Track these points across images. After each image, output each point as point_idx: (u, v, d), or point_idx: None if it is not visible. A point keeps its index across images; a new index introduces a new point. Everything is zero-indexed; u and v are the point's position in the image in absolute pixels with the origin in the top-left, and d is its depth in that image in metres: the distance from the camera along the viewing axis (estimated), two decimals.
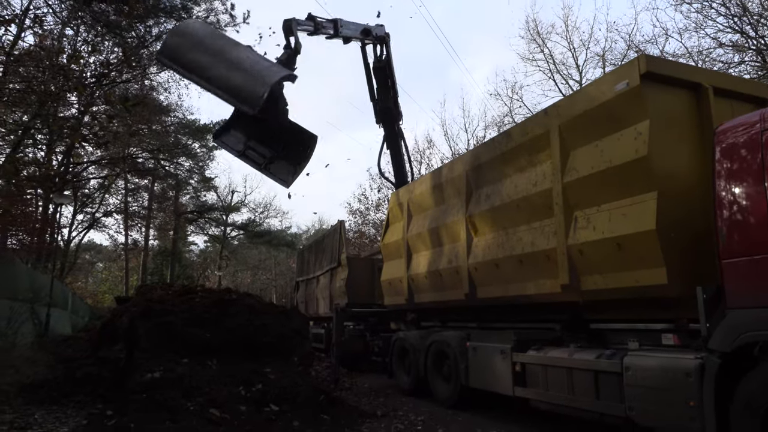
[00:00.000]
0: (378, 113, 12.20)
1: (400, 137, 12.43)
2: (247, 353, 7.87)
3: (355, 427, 6.77)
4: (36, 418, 6.77)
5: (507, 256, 7.04)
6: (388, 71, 11.90)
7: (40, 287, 16.52)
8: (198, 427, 5.98)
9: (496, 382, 7.16)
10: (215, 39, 7.87)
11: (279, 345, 8.19)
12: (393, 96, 12.05)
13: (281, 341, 8.24)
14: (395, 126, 12.28)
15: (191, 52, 7.47)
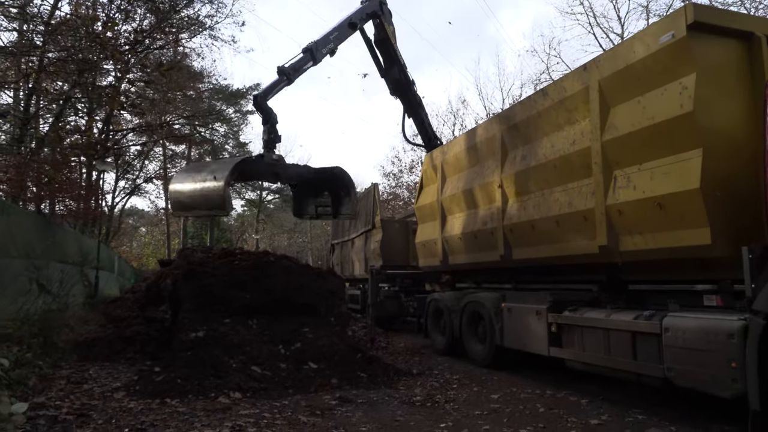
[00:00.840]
0: (390, 86, 12.15)
1: (417, 105, 12.33)
2: (286, 313, 8.09)
3: (392, 385, 6.94)
4: (90, 373, 7.20)
5: (543, 217, 6.95)
6: (390, 42, 11.72)
7: (88, 251, 17.26)
8: (241, 383, 6.25)
9: (531, 343, 7.20)
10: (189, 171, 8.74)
11: (316, 305, 8.38)
12: (399, 66, 11.90)
13: (318, 302, 8.43)
14: (410, 95, 12.19)
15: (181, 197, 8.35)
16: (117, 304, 13.72)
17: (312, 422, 5.06)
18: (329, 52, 10.24)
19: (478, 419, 5.30)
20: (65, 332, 8.73)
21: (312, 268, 9.24)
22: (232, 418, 5.08)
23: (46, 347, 7.41)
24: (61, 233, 14.30)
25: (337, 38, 10.36)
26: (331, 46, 10.26)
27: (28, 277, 9.48)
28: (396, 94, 12.18)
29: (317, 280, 8.75)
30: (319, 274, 8.99)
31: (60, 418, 4.83)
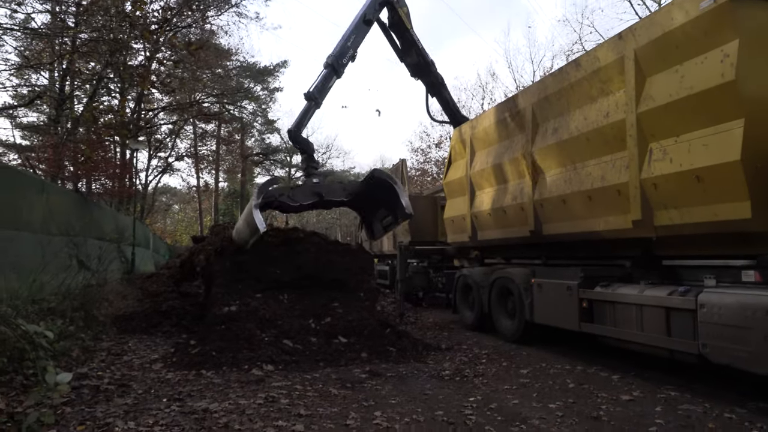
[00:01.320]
0: (409, 69, 12.01)
1: (440, 84, 12.17)
2: (316, 289, 8.21)
3: (420, 359, 7.00)
4: (129, 345, 7.47)
5: (575, 191, 6.82)
6: (404, 25, 11.50)
7: (124, 228, 17.75)
8: (273, 356, 6.39)
9: (562, 318, 7.15)
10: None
11: (345, 281, 8.47)
12: (417, 48, 11.72)
13: (347, 277, 8.52)
14: (430, 76, 12.03)
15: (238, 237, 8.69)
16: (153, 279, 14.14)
17: (342, 395, 5.16)
18: (350, 59, 10.20)
19: (507, 393, 5.32)
20: (105, 306, 9.06)
21: (341, 244, 9.31)
22: (265, 389, 5.22)
23: (87, 320, 7.71)
24: (98, 211, 14.73)
25: (355, 42, 10.27)
26: (351, 52, 10.21)
27: (68, 254, 9.82)
28: (416, 76, 12.07)
29: (346, 256, 8.82)
30: (348, 250, 9.06)
31: (102, 387, 5.05)
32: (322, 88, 9.84)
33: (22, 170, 10.43)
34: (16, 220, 8.53)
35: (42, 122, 19.91)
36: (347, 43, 10.13)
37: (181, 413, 4.37)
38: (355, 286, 8.52)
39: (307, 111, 9.69)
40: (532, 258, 8.79)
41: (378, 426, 4.20)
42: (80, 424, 3.98)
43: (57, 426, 3.91)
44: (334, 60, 9.91)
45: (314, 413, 4.50)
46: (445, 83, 12.28)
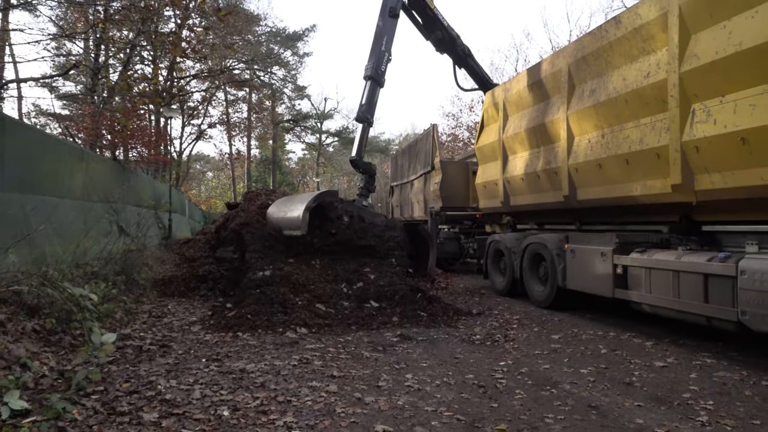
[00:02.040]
0: (435, 45, 11.75)
1: (466, 56, 11.89)
2: (347, 255, 8.30)
3: (451, 324, 7.06)
4: (169, 308, 7.75)
5: (612, 155, 6.64)
6: (425, 3, 11.17)
7: (161, 195, 18.19)
8: (306, 319, 6.54)
9: (595, 284, 7.07)
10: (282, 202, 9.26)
11: (376, 247, 8.53)
12: (440, 24, 11.41)
13: (378, 244, 8.57)
14: (456, 49, 11.74)
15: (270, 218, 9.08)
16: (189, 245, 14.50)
17: (374, 357, 5.26)
18: (387, 62, 10.20)
19: (537, 358, 5.33)
20: (144, 271, 9.37)
21: (373, 213, 9.34)
22: (299, 351, 5.36)
23: (128, 284, 8.00)
24: (135, 178, 15.09)
25: (387, 44, 10.24)
26: (387, 56, 10.20)
27: (109, 220, 10.13)
28: (442, 51, 11.86)
29: (378, 223, 8.88)
30: (381, 219, 9.14)
31: (145, 347, 5.27)
32: (370, 104, 10.02)
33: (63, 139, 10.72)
34: (58, 188, 8.82)
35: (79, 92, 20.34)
36: (382, 48, 10.12)
37: (219, 373, 4.54)
38: (386, 252, 8.58)
39: (362, 134, 10.03)
40: (565, 224, 8.69)
41: (409, 388, 4.28)
42: (125, 382, 4.18)
43: (104, 383, 4.11)
44: (373, 71, 9.94)
45: (347, 375, 4.61)
46: (471, 53, 12.05)
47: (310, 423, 3.47)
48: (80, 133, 15.78)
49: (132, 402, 3.74)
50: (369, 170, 10.28)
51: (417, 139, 16.29)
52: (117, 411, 3.53)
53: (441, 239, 13.38)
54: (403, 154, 18.28)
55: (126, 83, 13.46)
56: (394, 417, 3.63)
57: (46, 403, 3.43)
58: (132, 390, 3.98)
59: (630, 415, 3.73)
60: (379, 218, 9.23)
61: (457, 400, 4.01)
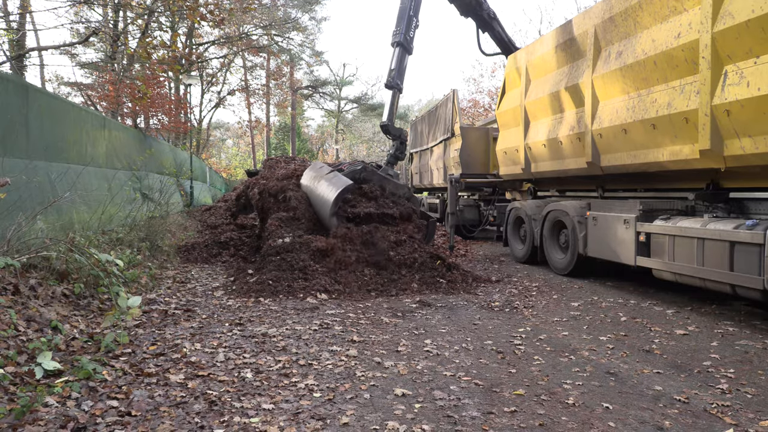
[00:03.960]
0: (459, 9, 11.41)
1: (491, 19, 11.53)
2: (366, 222, 8.31)
3: (470, 291, 7.09)
4: (192, 274, 7.91)
5: (638, 120, 6.46)
6: None
7: (182, 162, 18.37)
8: (326, 285, 6.62)
9: (617, 252, 7.00)
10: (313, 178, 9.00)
11: (394, 215, 8.53)
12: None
13: (397, 211, 8.57)
14: (481, 12, 11.38)
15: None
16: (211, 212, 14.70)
17: (394, 323, 5.32)
18: (416, 28, 10.00)
19: (557, 325, 5.34)
20: (168, 237, 9.55)
21: (396, 183, 9.26)
22: (320, 316, 5.45)
23: (152, 250, 8.17)
24: (157, 146, 15.23)
25: (415, 8, 9.98)
26: (416, 21, 9.97)
27: (132, 187, 10.28)
28: (466, 14, 11.54)
29: (398, 191, 8.86)
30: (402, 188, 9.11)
31: (170, 312, 5.40)
32: (399, 70, 9.85)
33: (84, 108, 10.82)
34: (82, 156, 8.95)
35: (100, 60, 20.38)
36: (409, 13, 9.87)
37: (242, 336, 4.64)
38: (406, 221, 8.58)
39: (393, 100, 9.90)
40: (587, 191, 8.59)
41: (428, 353, 4.33)
42: (152, 345, 4.30)
43: (131, 346, 4.24)
44: (402, 37, 9.77)
45: (366, 339, 4.67)
46: (497, 16, 11.70)
47: (331, 386, 3.55)
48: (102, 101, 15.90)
49: (159, 364, 3.86)
50: (400, 136, 10.18)
51: (437, 105, 16.06)
52: (144, 372, 3.65)
53: (460, 207, 13.32)
54: (422, 120, 18.08)
55: (145, 50, 13.44)
56: (413, 381, 3.69)
57: (77, 365, 3.55)
58: (158, 353, 4.10)
59: (649, 382, 3.73)
60: (403, 189, 9.19)
61: (475, 366, 4.05)
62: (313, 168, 9.26)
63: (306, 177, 9.15)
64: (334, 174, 8.55)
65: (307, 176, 9.12)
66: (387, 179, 9.07)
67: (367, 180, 8.81)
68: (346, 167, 9.13)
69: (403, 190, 9.16)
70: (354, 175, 8.74)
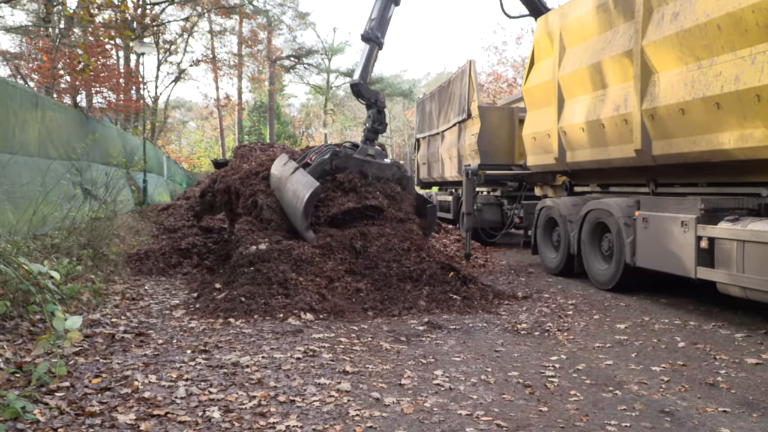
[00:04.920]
0: None
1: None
2: (358, 221, 8.31)
3: (491, 309, 7.08)
4: (146, 288, 7.90)
5: (698, 98, 6.47)
6: None
7: (133, 150, 18.38)
8: (313, 303, 6.61)
9: (673, 262, 7.00)
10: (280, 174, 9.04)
11: (387, 210, 8.52)
12: None
13: (392, 205, 8.57)
14: None
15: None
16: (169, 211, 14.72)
17: (396, 349, 5.31)
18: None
19: (598, 353, 5.34)
20: (115, 243, 9.54)
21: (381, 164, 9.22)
22: (304, 341, 5.44)
23: (96, 259, 8.16)
24: (102, 130, 15.25)
25: None
26: None
27: (71, 181, 10.28)
28: None
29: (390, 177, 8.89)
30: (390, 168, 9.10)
31: (118, 336, 5.40)
32: (381, 22, 9.78)
33: (12, 82, 10.83)
34: (8, 142, 8.94)
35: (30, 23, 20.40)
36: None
37: (208, 367, 4.64)
38: (401, 214, 8.58)
39: (369, 56, 9.76)
40: (635, 185, 8.60)
41: (439, 387, 4.33)
42: (95, 377, 4.29)
43: (70, 378, 4.23)
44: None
45: (362, 370, 4.67)
46: None
47: (318, 428, 3.54)
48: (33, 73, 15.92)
49: (104, 401, 3.85)
50: (376, 102, 9.86)
51: (449, 79, 16.08)
52: (86, 411, 3.64)
53: (479, 205, 13.33)
54: (431, 98, 18.10)
55: (87, 11, 13.45)
56: (419, 422, 3.68)
57: (2, 402, 3.55)
58: (103, 386, 4.10)
59: (713, 423, 3.73)
60: (390, 169, 9.15)
61: (497, 403, 4.04)
62: (277, 165, 9.20)
63: (273, 179, 9.17)
64: (300, 173, 8.48)
65: (274, 178, 9.14)
66: (367, 162, 9.04)
67: (342, 168, 8.79)
68: (313, 157, 9.08)
69: (391, 170, 9.13)
70: (323, 168, 8.74)
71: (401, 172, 9.33)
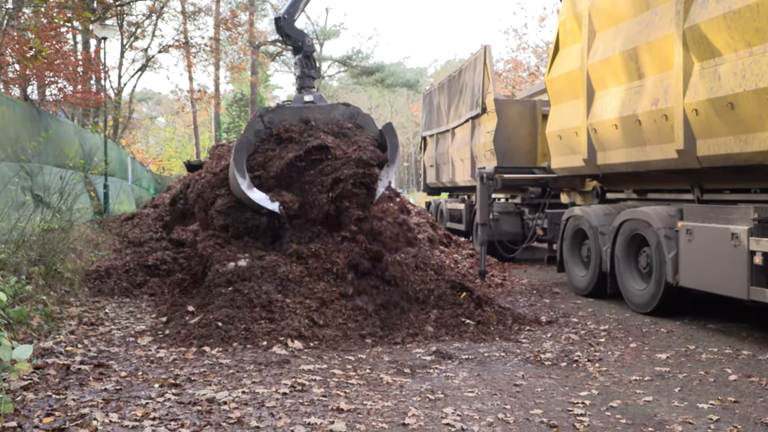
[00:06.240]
0: None
1: None
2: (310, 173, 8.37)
3: (510, 336, 7.07)
4: (107, 312, 7.89)
5: (750, 89, 6.49)
6: None
7: (92, 150, 18.39)
8: (302, 329, 6.61)
9: (722, 281, 6.99)
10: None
11: (333, 145, 8.56)
12: None
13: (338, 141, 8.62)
14: None
15: None
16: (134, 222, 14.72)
17: (399, 383, 5.30)
18: None
19: (635, 387, 5.33)
20: (71, 259, 9.53)
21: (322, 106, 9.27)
22: (292, 374, 5.43)
23: (48, 278, 8.15)
24: (57, 126, 15.26)
25: None
26: None
27: (20, 186, 10.28)
28: None
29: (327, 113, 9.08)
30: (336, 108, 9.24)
31: (74, 367, 5.38)
32: None
33: None
34: None
35: None
36: None
37: (178, 403, 4.63)
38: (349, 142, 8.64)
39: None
40: (678, 191, 8.62)
41: (449, 427, 4.31)
42: (47, 415, 4.28)
43: (17, 417, 4.22)
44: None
45: (359, 407, 4.66)
46: None
47: None
48: None
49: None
50: (302, 44, 9.75)
51: (461, 68, 16.14)
52: None
53: (495, 214, 13.34)
54: (440, 90, 18.17)
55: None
56: None
57: None
58: (56, 427, 4.08)
59: None
60: (338, 109, 9.26)
61: None
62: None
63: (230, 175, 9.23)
64: (234, 161, 8.60)
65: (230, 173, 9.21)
66: (305, 108, 9.15)
67: (278, 122, 8.92)
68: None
69: (338, 110, 9.23)
70: (255, 129, 8.93)
71: (352, 110, 9.37)
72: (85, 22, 18.67)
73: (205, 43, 33.82)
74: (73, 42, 22.84)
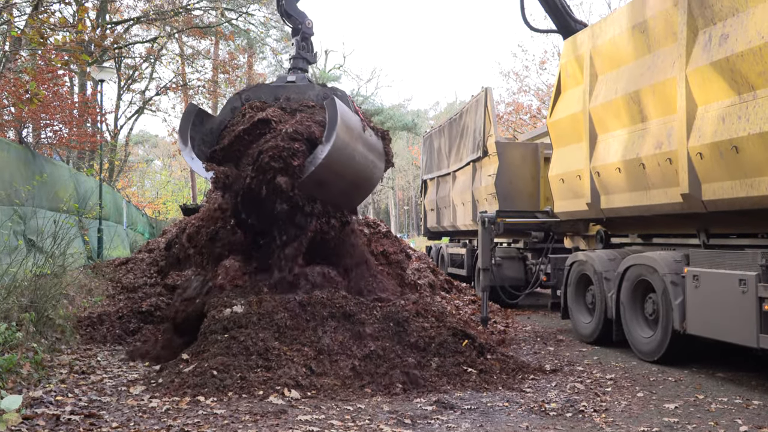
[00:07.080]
0: None
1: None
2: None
3: (513, 386, 7.03)
4: (99, 360, 7.85)
5: (755, 133, 6.56)
6: None
7: (87, 194, 18.47)
8: (299, 378, 6.57)
9: (731, 328, 6.98)
10: None
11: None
12: None
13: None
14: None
15: None
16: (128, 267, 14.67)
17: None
18: None
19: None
20: (63, 305, 9.51)
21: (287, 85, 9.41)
22: (288, 425, 5.39)
23: (40, 324, 8.13)
24: (51, 169, 15.35)
25: None
26: None
27: (13, 230, 10.31)
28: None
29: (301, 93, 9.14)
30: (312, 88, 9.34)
31: (64, 418, 5.34)
32: None
33: None
34: None
35: None
36: None
37: None
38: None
39: None
40: (684, 236, 8.64)
41: None
42: None
43: None
44: None
45: None
46: None
47: None
48: None
49: None
50: (302, 28, 9.80)
51: (462, 110, 16.31)
52: None
53: (498, 259, 13.33)
54: (440, 132, 18.33)
55: (38, 32, 13.71)
56: None
57: None
58: None
59: None
60: (313, 90, 9.33)
61: None
62: None
63: None
64: (179, 128, 8.89)
65: None
66: (282, 87, 9.31)
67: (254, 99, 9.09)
68: None
69: (314, 90, 9.31)
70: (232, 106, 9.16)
71: (327, 91, 9.39)
72: (82, 64, 18.94)
73: (203, 85, 34.24)
74: (70, 84, 23.11)
